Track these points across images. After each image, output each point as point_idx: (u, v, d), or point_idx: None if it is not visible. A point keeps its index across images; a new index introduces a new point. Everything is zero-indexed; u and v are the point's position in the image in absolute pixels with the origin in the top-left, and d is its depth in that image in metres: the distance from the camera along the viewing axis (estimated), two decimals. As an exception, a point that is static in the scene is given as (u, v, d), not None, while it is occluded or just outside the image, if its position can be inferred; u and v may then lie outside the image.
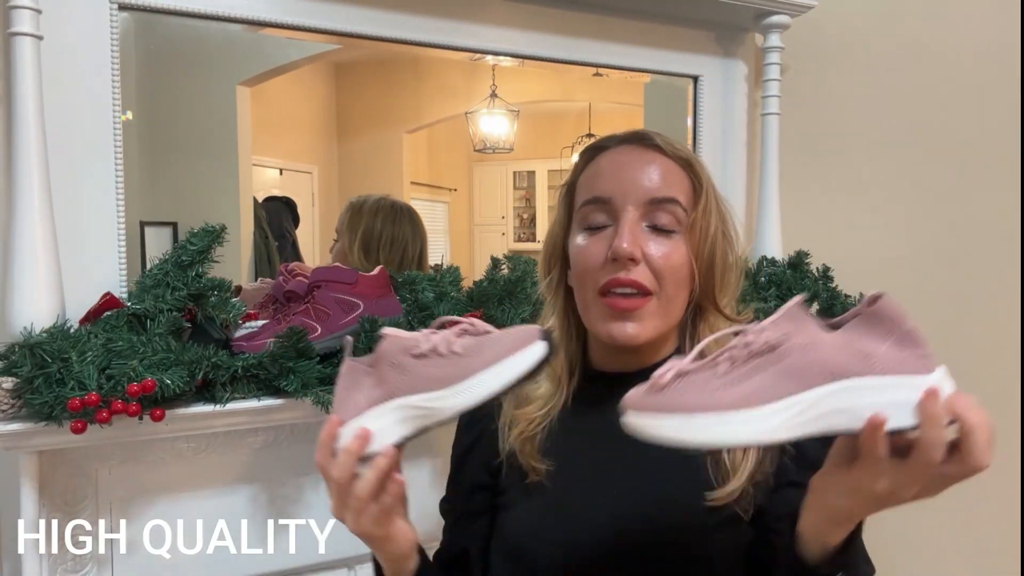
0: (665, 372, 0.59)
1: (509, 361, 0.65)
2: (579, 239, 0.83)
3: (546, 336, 0.66)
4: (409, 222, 1.50)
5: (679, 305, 0.82)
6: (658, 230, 0.80)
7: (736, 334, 0.61)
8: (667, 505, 0.77)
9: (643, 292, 0.78)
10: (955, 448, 0.55)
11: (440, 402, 0.66)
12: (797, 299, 0.61)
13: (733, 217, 0.86)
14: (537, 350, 0.65)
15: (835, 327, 0.60)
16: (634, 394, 0.61)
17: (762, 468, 0.76)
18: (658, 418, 0.59)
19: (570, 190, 0.87)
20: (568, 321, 0.88)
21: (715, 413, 0.57)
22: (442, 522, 0.95)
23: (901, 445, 0.56)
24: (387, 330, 0.72)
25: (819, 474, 0.64)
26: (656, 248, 0.79)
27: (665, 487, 0.78)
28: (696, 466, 0.76)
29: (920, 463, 0.55)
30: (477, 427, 0.91)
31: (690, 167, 0.83)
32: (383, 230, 1.46)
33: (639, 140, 0.84)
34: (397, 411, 0.68)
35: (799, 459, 0.75)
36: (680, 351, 0.86)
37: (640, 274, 0.78)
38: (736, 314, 0.85)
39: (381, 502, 0.69)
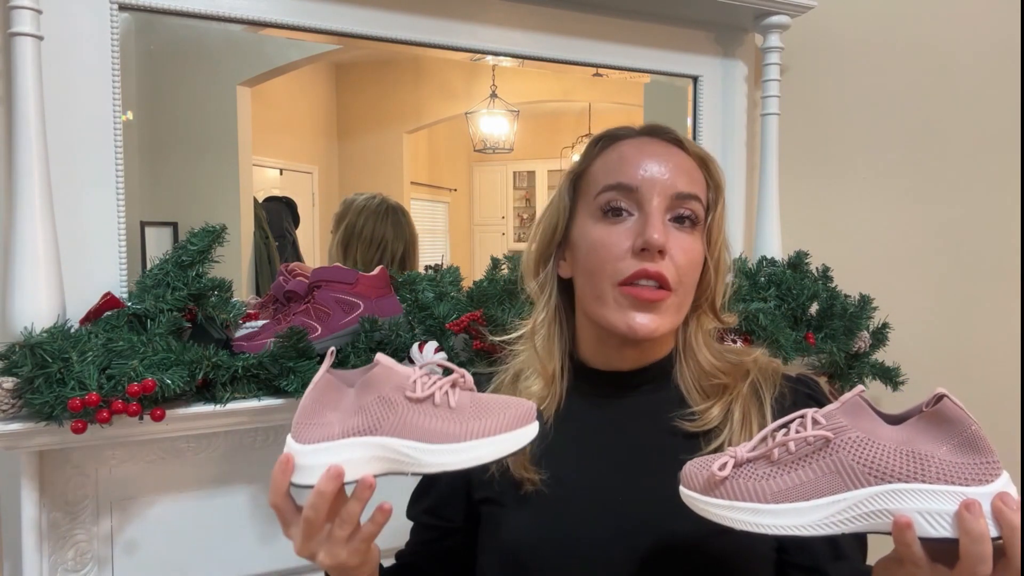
0: (726, 462, 0.62)
1: (507, 436, 0.65)
2: (595, 228, 0.79)
3: (539, 417, 0.68)
4: (393, 223, 1.50)
5: (688, 304, 0.81)
6: (680, 226, 0.78)
7: (793, 421, 0.62)
8: (667, 511, 0.73)
9: (665, 286, 0.76)
10: (1000, 554, 0.54)
11: (428, 456, 0.64)
12: (857, 390, 0.61)
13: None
14: (532, 431, 0.66)
15: (896, 421, 0.61)
16: (693, 472, 0.64)
17: None
18: (707, 498, 0.62)
19: (578, 178, 0.83)
20: (560, 315, 0.85)
21: (758, 503, 0.59)
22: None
23: (950, 554, 0.56)
24: (382, 358, 0.68)
25: (880, 563, 0.64)
26: (678, 243, 0.77)
27: (666, 493, 0.76)
28: None
29: (965, 574, 0.55)
30: None
31: (706, 167, 0.81)
32: (363, 228, 1.46)
33: (659, 133, 0.82)
34: (373, 448, 0.65)
35: None
36: (676, 350, 0.84)
37: (666, 268, 0.76)
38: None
39: (365, 532, 0.66)
